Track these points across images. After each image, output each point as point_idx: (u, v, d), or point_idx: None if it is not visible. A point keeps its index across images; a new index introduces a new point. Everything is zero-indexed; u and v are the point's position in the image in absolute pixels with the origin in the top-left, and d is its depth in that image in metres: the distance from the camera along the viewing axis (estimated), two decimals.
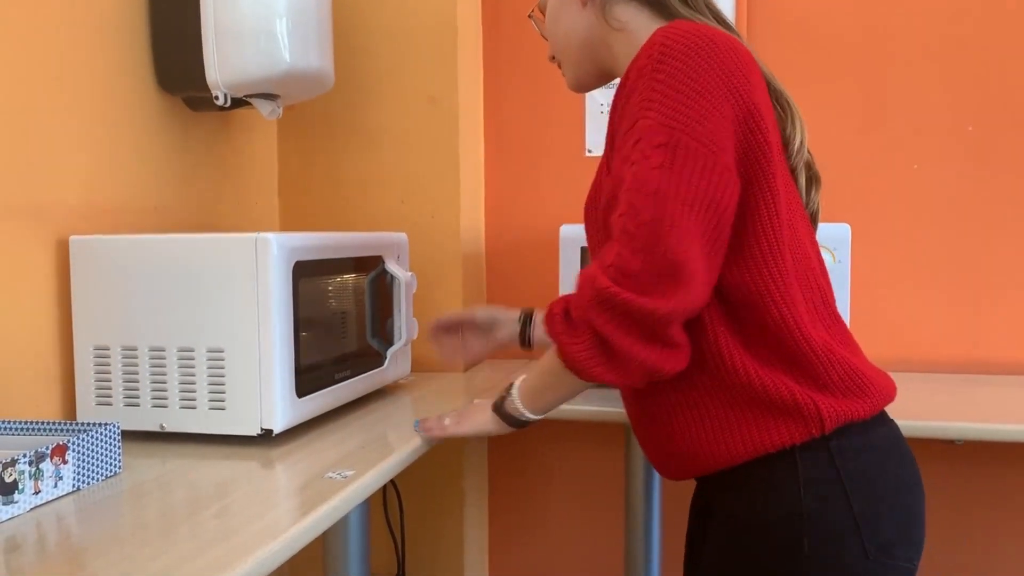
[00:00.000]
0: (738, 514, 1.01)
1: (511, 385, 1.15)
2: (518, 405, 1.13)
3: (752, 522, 0.99)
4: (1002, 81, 1.86)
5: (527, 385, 1.13)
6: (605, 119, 2.03)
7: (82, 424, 1.13)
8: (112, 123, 1.45)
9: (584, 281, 0.95)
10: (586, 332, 0.95)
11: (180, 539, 0.88)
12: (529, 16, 1.22)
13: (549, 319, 0.99)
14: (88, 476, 1.06)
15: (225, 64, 1.48)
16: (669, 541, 1.77)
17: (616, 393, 1.59)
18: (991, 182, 1.87)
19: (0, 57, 1.22)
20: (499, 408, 1.16)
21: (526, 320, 1.39)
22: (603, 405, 1.52)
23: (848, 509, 0.95)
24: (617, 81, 1.07)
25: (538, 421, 1.15)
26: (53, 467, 1.00)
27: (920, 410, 1.46)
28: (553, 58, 1.19)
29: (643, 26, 1.06)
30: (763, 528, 0.98)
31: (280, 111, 1.60)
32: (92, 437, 1.07)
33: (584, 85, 1.18)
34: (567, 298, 0.98)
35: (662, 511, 1.74)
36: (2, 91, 1.23)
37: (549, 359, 1.06)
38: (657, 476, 1.72)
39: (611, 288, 0.91)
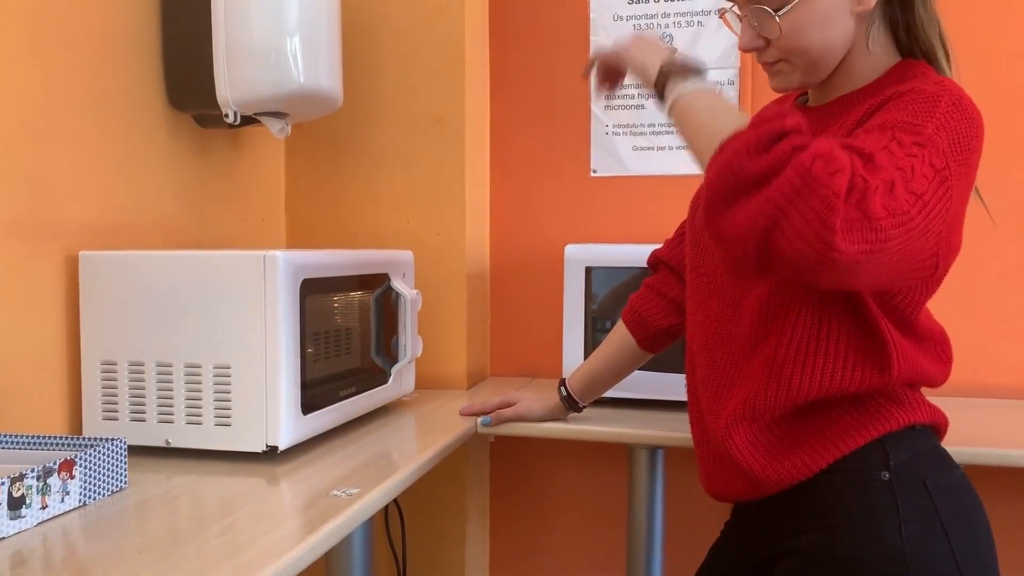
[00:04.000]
0: (822, 551, 0.99)
1: (686, 72, 1.02)
2: (676, 82, 1.00)
3: (845, 559, 0.97)
4: (995, 100, 1.87)
5: (697, 87, 0.99)
6: (609, 140, 2.06)
7: (89, 439, 1.13)
8: (122, 140, 1.46)
9: (821, 153, 0.78)
10: (771, 157, 0.79)
11: (185, 557, 0.88)
12: (736, 13, 1.08)
13: (761, 122, 0.82)
14: (94, 491, 1.06)
15: (235, 82, 1.49)
16: (672, 564, 1.77)
17: (620, 414, 1.61)
18: (992, 207, 1.87)
19: (10, 74, 1.24)
20: (667, 65, 1.03)
21: (567, 398, 1.49)
22: (606, 425, 1.53)
23: (949, 551, 0.95)
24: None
25: (666, 104, 1.02)
26: (60, 482, 1.01)
27: None
28: (776, 62, 1.07)
29: (886, 55, 1.05)
30: (859, 566, 0.97)
31: (289, 129, 1.61)
32: (99, 452, 1.07)
33: (802, 87, 1.10)
34: (795, 135, 0.81)
35: (665, 533, 1.74)
36: (13, 107, 1.24)
37: (730, 114, 0.93)
38: (660, 497, 1.72)
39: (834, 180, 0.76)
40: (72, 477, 1.03)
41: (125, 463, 1.12)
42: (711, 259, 1.11)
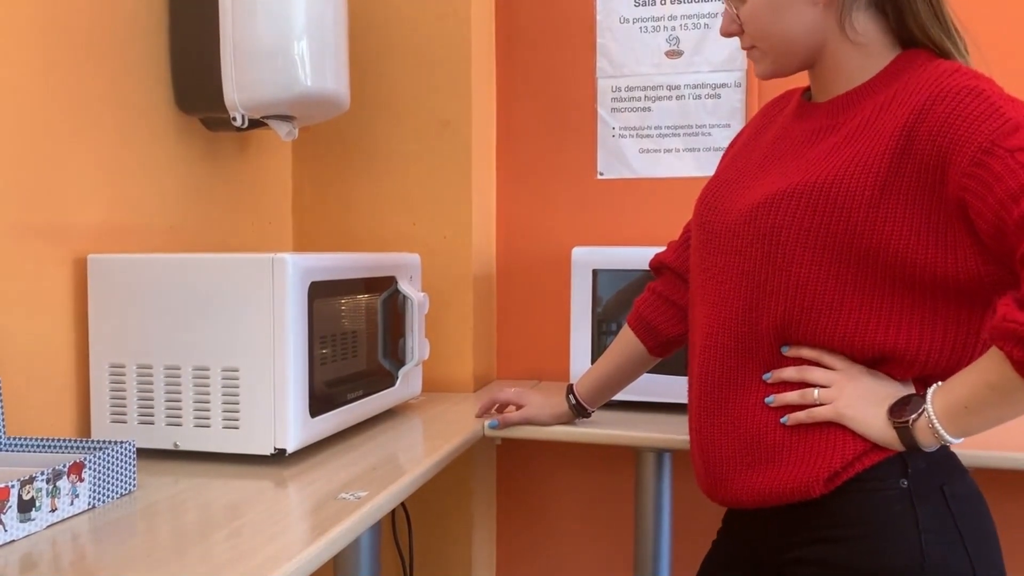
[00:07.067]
0: (839, 561, 0.97)
1: (918, 399, 0.97)
2: (938, 427, 0.94)
3: (863, 570, 0.96)
4: None
5: (949, 402, 0.94)
6: (616, 142, 2.06)
7: (98, 442, 1.13)
8: (130, 143, 1.47)
9: None
10: None
11: (193, 561, 0.88)
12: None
13: (1009, 329, 0.85)
14: (103, 494, 1.07)
15: (243, 85, 1.50)
16: (678, 567, 1.76)
17: (627, 417, 1.60)
18: None
19: (19, 77, 1.25)
20: (904, 427, 0.95)
21: (576, 405, 1.48)
22: (613, 428, 1.52)
23: (967, 559, 0.95)
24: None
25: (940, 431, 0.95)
26: (70, 485, 1.01)
27: None
28: (751, 48, 1.10)
29: (880, 45, 1.03)
30: None
31: (296, 132, 1.61)
32: (108, 455, 1.07)
33: (777, 75, 1.11)
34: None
35: (672, 537, 1.74)
36: (21, 111, 1.25)
37: (991, 372, 0.90)
38: (668, 502, 1.71)
39: None
40: (81, 480, 1.03)
41: (134, 466, 1.12)
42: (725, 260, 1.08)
